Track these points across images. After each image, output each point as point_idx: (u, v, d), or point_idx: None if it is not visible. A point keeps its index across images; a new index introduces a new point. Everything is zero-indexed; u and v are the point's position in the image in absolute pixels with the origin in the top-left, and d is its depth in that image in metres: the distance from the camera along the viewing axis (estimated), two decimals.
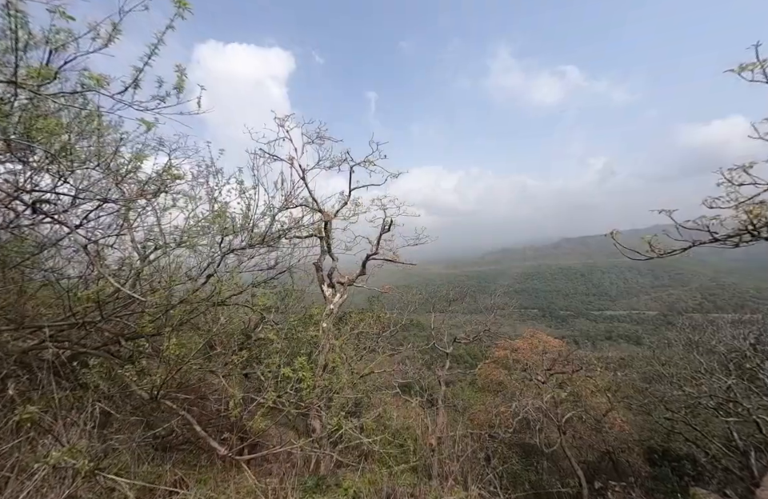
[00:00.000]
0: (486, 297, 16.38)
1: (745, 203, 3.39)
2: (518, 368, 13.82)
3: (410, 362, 14.51)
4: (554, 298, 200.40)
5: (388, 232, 7.94)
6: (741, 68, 3.36)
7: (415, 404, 9.46)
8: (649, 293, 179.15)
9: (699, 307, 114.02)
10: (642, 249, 3.94)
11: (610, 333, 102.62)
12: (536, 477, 13.05)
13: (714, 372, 10.66)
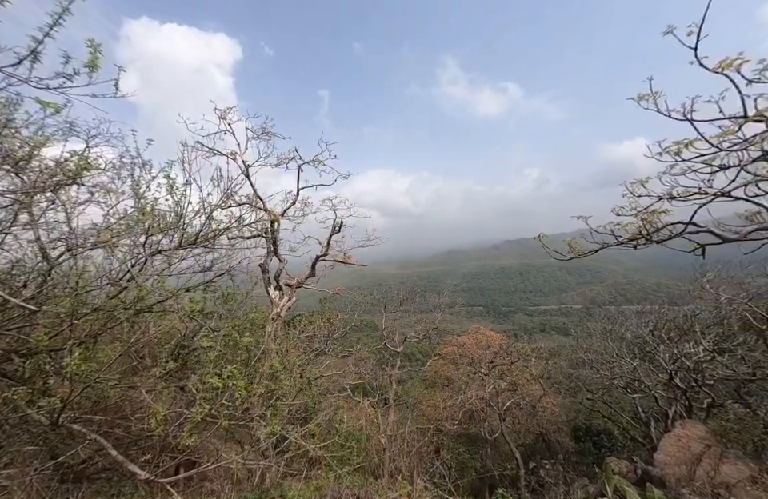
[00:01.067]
0: (436, 296, 17.06)
1: (641, 212, 4.00)
2: (464, 362, 14.62)
3: (364, 363, 14.52)
4: (497, 296, 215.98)
5: (338, 233, 7.87)
6: (639, 97, 3.96)
7: (366, 404, 9.47)
8: (575, 289, 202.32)
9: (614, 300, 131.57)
10: (564, 251, 4.43)
11: (543, 325, 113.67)
12: (481, 463, 13.90)
13: (623, 356, 12.38)
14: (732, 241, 3.58)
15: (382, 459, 5.80)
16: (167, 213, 3.80)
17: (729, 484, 5.29)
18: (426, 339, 14.71)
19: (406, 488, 3.23)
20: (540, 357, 16.05)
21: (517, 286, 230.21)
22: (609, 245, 3.80)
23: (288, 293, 6.87)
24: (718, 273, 8.99)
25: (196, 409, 2.36)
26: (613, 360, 13.15)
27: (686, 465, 6.08)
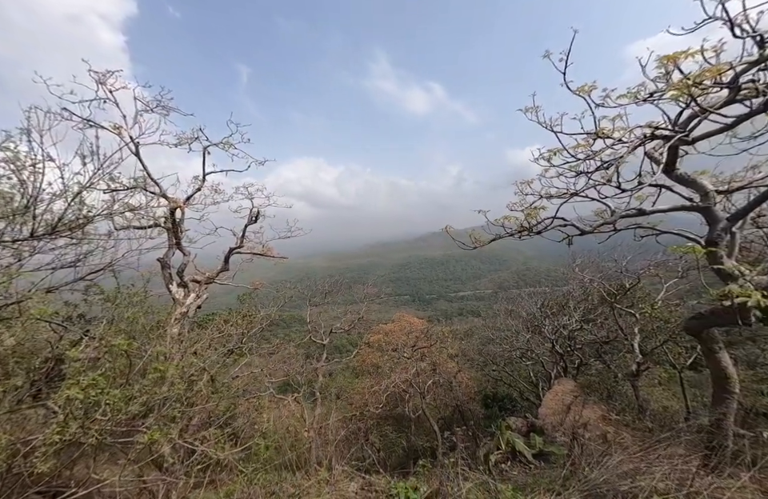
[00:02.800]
0: (362, 287, 17.39)
1: (527, 208, 4.69)
2: (389, 349, 15.35)
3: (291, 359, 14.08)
4: (421, 285, 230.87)
5: (255, 223, 7.34)
6: (525, 109, 4.56)
7: (291, 400, 9.25)
8: (487, 276, 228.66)
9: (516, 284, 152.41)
10: (469, 241, 4.94)
11: (461, 309, 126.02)
12: (406, 440, 14.91)
13: (519, 331, 14.62)
14: (587, 233, 4.47)
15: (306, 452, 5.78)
16: (8, 196, 2.95)
17: (586, 423, 6.76)
18: (354, 329, 14.95)
19: (323, 474, 3.30)
20: (456, 337, 17.81)
21: (439, 275, 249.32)
22: (500, 236, 4.36)
23: (196, 291, 6.18)
24: (584, 259, 11.20)
25: (51, 429, 1.94)
26: (512, 335, 15.38)
27: (559, 414, 7.57)
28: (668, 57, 2.95)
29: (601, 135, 3.56)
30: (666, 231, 5.14)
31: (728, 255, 3.87)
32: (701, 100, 3.55)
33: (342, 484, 3.35)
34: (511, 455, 5.42)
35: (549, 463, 5.11)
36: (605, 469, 2.81)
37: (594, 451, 3.65)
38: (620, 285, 9.92)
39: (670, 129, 3.36)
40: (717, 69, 2.79)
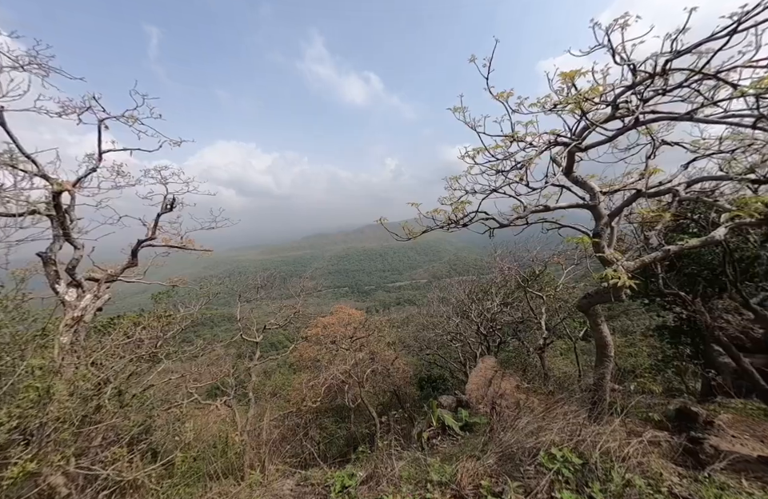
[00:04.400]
0: (299, 280, 16.85)
1: (455, 202, 5.01)
2: (328, 341, 15.27)
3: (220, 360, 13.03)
4: (360, 276, 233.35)
5: (170, 212, 6.48)
6: (454, 109, 4.81)
7: (220, 405, 8.60)
8: (422, 266, 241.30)
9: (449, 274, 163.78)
10: (402, 233, 5.10)
11: (399, 299, 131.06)
12: (347, 430, 15.15)
13: (450, 316, 15.84)
14: (505, 226, 4.99)
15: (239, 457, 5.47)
16: None
17: (503, 393, 7.70)
18: (290, 324, 14.45)
19: (254, 477, 3.17)
20: (393, 326, 18.52)
21: (377, 266, 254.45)
22: (431, 228, 4.60)
23: (93, 290, 5.24)
24: (503, 249, 12.56)
25: None
26: (444, 320, 16.59)
27: (482, 388, 8.49)
28: (565, 75, 3.40)
29: (516, 138, 3.97)
30: (565, 225, 5.99)
31: (608, 245, 4.69)
32: (591, 115, 4.20)
33: (275, 483, 3.27)
34: (441, 430, 5.90)
35: (473, 433, 5.70)
36: (515, 431, 3.25)
37: (508, 417, 4.18)
38: (531, 271, 11.39)
39: (568, 138, 3.90)
40: (599, 89, 3.31)
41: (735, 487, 2.94)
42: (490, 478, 2.66)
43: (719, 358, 7.51)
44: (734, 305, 7.77)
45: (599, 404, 5.05)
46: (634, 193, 4.38)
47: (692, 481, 3.08)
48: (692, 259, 8.11)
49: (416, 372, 20.63)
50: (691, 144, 5.03)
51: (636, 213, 5.58)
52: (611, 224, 4.89)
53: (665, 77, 3.34)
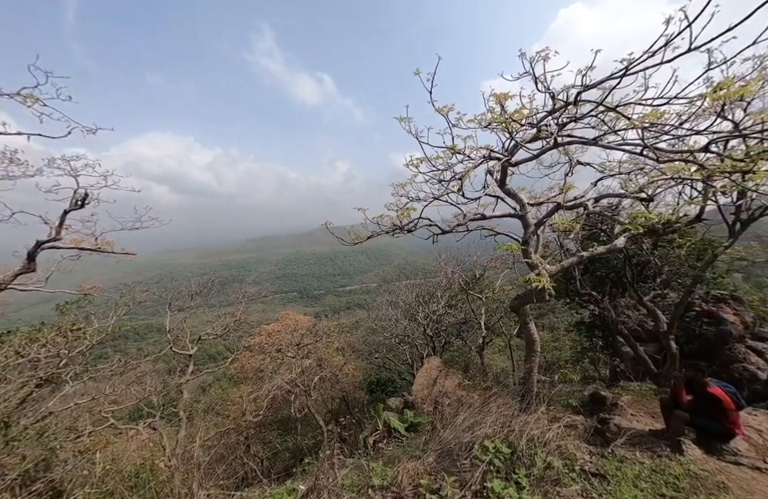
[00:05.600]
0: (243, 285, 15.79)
1: (400, 208, 5.17)
2: (273, 350, 14.52)
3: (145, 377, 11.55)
4: (310, 281, 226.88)
5: (82, 208, 5.64)
6: (400, 119, 4.99)
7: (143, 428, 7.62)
8: (373, 270, 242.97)
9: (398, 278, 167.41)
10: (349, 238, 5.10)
11: (349, 303, 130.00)
12: (293, 442, 14.46)
13: (399, 319, 16.17)
14: (447, 232, 5.28)
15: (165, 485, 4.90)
16: None
17: (446, 392, 8.06)
18: (230, 334, 13.44)
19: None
20: (342, 331, 18.29)
21: (327, 271, 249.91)
22: (378, 233, 4.68)
23: None
24: (447, 254, 13.26)
25: None
26: (393, 324, 16.88)
27: (427, 388, 8.79)
28: (497, 96, 3.75)
29: (456, 151, 4.25)
30: (500, 232, 6.53)
31: (534, 251, 5.23)
32: (521, 134, 4.68)
33: None
34: (387, 433, 5.97)
35: (418, 432, 5.86)
36: (453, 427, 3.43)
37: (449, 414, 4.38)
38: (473, 275, 12.18)
39: (500, 153, 4.29)
40: (524, 112, 3.72)
41: (631, 458, 3.44)
42: (429, 476, 2.76)
43: (622, 348, 8.78)
44: (632, 302, 9.16)
45: (528, 395, 5.55)
46: (554, 205, 4.95)
47: (600, 457, 3.54)
48: (602, 263, 9.40)
49: (366, 376, 20.60)
50: (599, 165, 5.88)
51: (555, 223, 6.29)
52: (537, 232, 5.46)
53: (576, 107, 3.86)
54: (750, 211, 6.44)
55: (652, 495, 2.71)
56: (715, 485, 2.87)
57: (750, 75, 3.67)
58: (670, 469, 3.08)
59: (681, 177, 3.68)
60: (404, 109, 4.85)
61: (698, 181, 4.07)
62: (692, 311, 8.39)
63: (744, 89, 2.83)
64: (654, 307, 7.40)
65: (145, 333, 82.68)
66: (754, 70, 3.76)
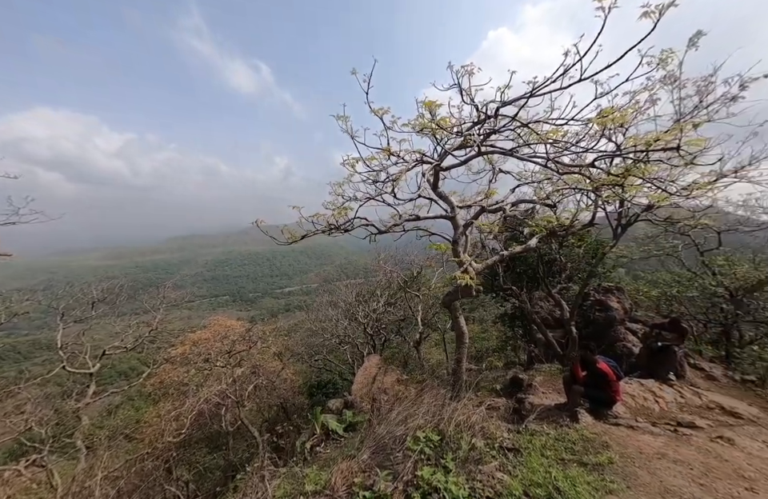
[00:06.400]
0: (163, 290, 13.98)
1: (337, 207, 5.12)
2: (199, 360, 13.19)
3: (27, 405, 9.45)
4: (244, 283, 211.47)
5: None
6: (337, 117, 4.93)
7: (23, 468, 6.24)
8: (313, 270, 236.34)
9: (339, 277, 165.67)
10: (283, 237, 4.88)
11: (288, 305, 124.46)
12: (224, 459, 13.30)
13: (339, 320, 16.02)
14: (383, 232, 5.40)
15: None
16: None
17: (385, 388, 8.26)
18: (143, 346, 11.81)
19: None
20: (280, 334, 17.44)
21: (264, 271, 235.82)
22: (313, 232, 4.57)
23: None
24: (386, 254, 13.59)
25: None
26: (333, 324, 16.66)
27: (366, 386, 8.89)
28: (426, 103, 3.96)
29: (391, 153, 4.37)
30: (434, 233, 6.91)
31: (463, 250, 5.65)
32: (452, 141, 5.01)
33: None
34: (326, 435, 5.87)
35: (356, 432, 5.87)
36: (387, 422, 3.52)
37: (385, 410, 4.48)
38: (411, 274, 12.68)
39: (431, 158, 4.55)
40: (448, 120, 4.00)
41: (540, 431, 3.94)
42: (363, 474, 2.79)
43: (536, 335, 10.00)
44: (544, 294, 10.50)
45: (457, 384, 5.98)
46: (479, 208, 5.41)
47: (516, 433, 3.98)
48: (521, 261, 10.57)
49: (306, 380, 19.99)
50: (517, 174, 6.60)
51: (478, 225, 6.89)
52: (465, 233, 5.91)
53: (496, 120, 4.28)
54: (627, 217, 7.88)
55: (555, 460, 3.14)
56: (601, 445, 3.45)
57: (626, 106, 4.49)
58: (569, 436, 3.61)
59: (577, 187, 4.33)
60: (346, 108, 4.83)
61: (589, 191, 4.83)
62: (588, 300, 9.96)
63: (621, 118, 3.44)
64: (559, 298, 8.59)
65: (29, 351, 68.32)
66: (630, 102, 4.61)
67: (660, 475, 2.80)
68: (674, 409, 4.66)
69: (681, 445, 3.41)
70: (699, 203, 7.27)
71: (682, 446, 3.37)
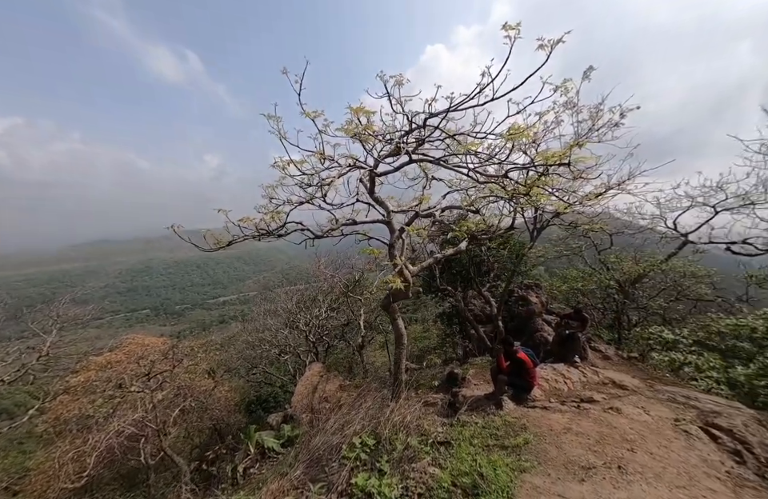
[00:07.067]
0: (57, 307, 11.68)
1: (270, 212, 4.88)
2: (109, 386, 11.33)
3: None
4: (170, 294, 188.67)
5: None
6: (268, 116, 4.72)
7: None
8: (251, 277, 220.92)
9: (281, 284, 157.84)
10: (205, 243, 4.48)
11: (223, 316, 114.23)
12: (145, 497, 11.58)
13: (279, 329, 15.23)
14: (320, 237, 5.30)
15: None
16: None
17: (327, 396, 8.06)
18: (26, 377, 9.75)
19: None
20: (211, 349, 15.92)
21: (194, 280, 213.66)
22: (240, 238, 4.29)
23: None
24: (327, 258, 13.38)
25: None
26: (272, 334, 15.77)
27: (308, 396, 8.57)
28: (354, 109, 4.04)
29: (324, 157, 4.33)
30: (373, 237, 7.00)
31: (400, 254, 5.83)
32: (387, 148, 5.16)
33: None
34: (261, 455, 5.49)
35: (295, 446, 5.61)
36: (323, 432, 3.43)
37: (324, 419, 4.36)
38: (352, 278, 12.65)
39: (364, 164, 4.62)
40: (372, 127, 4.14)
41: (470, 421, 4.21)
42: (295, 491, 2.66)
43: (471, 331, 10.75)
44: (476, 293, 11.36)
45: (397, 384, 6.10)
46: (414, 214, 5.65)
47: (449, 426, 4.19)
48: (456, 262, 11.29)
49: (244, 396, 18.61)
50: (448, 181, 7.05)
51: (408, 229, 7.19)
52: (402, 236, 6.11)
53: (424, 130, 4.53)
54: (541, 222, 8.96)
55: (481, 447, 3.38)
56: (520, 427, 3.82)
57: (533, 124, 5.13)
58: (494, 423, 3.93)
59: (496, 195, 4.79)
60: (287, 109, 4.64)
61: (506, 199, 5.38)
62: (513, 296, 11.04)
63: (527, 134, 3.91)
64: (488, 296, 9.38)
65: None
66: (538, 121, 5.27)
67: (565, 448, 3.20)
68: (578, 387, 5.39)
69: (582, 418, 3.95)
70: (595, 210, 8.61)
71: (582, 420, 3.91)
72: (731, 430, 3.76)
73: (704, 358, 6.63)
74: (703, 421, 4.02)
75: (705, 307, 10.47)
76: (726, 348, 7.05)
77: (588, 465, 2.87)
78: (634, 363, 7.05)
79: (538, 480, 2.66)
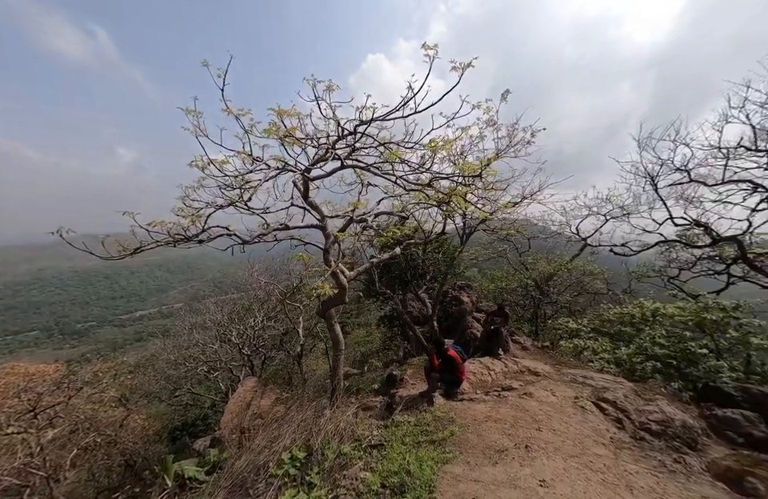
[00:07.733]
0: None
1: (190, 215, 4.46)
2: None
3: None
4: (69, 310, 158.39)
5: None
6: (186, 110, 4.33)
7: None
8: (176, 287, 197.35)
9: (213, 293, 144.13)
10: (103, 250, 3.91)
11: (140, 334, 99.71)
12: None
13: (207, 343, 13.83)
14: (248, 243, 4.99)
15: None
16: None
17: (261, 413, 7.55)
18: None
19: None
20: (122, 373, 13.75)
21: (101, 293, 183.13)
22: (155, 243, 3.84)
23: None
24: (262, 264, 12.66)
25: None
26: (199, 350, 14.27)
27: (239, 415, 7.92)
28: (278, 111, 3.95)
29: (255, 159, 4.12)
30: (308, 242, 6.84)
31: (336, 259, 5.79)
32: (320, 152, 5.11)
33: None
34: (181, 487, 4.89)
35: (222, 471, 5.12)
36: (249, 451, 3.21)
37: (253, 437, 4.08)
38: (292, 285, 12.14)
39: (294, 167, 4.52)
40: (294, 130, 4.11)
41: (404, 421, 4.33)
42: None
43: (409, 332, 11.10)
44: (413, 296, 11.81)
45: (336, 391, 6.01)
46: (348, 219, 5.68)
47: (384, 428, 4.25)
48: (395, 266, 11.60)
49: (166, 422, 16.43)
50: (383, 187, 7.25)
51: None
52: (338, 242, 6.09)
53: (355, 136, 4.62)
54: (470, 228, 9.74)
55: (412, 445, 3.50)
56: (448, 420, 4.05)
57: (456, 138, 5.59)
58: (425, 419, 4.11)
59: (423, 202, 5.07)
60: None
61: (432, 205, 5.73)
62: (447, 297, 11.72)
63: (445, 147, 4.24)
64: (424, 297, 9.81)
65: None
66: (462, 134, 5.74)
67: (484, 435, 3.50)
68: (500, 377, 5.93)
69: (501, 405, 4.35)
70: (516, 217, 9.67)
71: (502, 407, 4.31)
72: (615, 402, 4.50)
73: (598, 343, 7.85)
74: (595, 396, 4.75)
75: (600, 299, 12.48)
76: (615, 333, 8.44)
77: (502, 448, 3.17)
78: (546, 351, 8.01)
79: (458, 469, 2.85)
